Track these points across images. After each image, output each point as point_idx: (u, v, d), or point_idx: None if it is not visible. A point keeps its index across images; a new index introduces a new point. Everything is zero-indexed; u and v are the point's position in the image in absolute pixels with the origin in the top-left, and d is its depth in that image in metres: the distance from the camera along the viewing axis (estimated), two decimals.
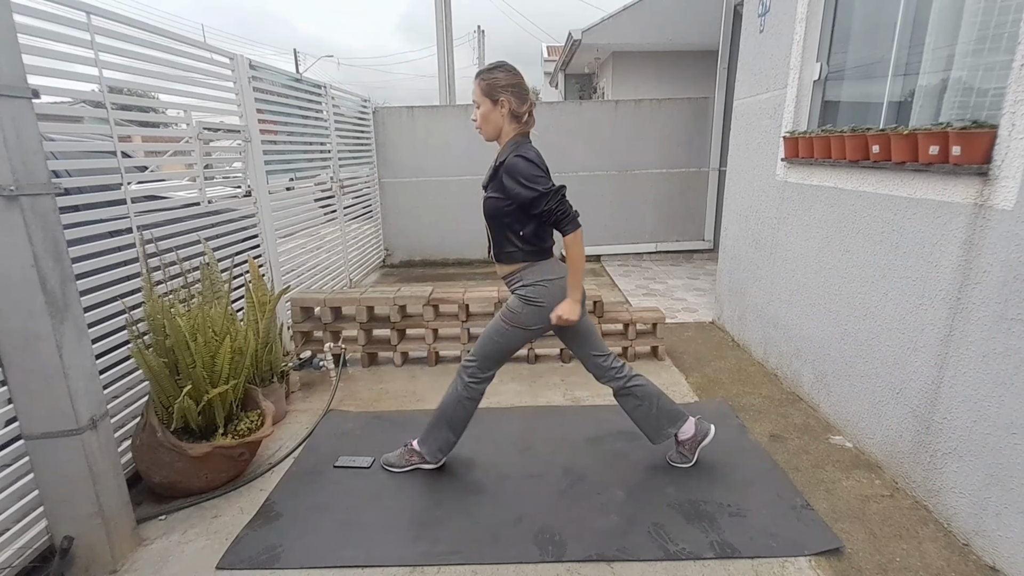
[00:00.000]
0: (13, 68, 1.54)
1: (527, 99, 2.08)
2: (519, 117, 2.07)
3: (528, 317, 2.13)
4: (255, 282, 2.92)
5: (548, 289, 2.11)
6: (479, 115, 2.09)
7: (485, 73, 2.07)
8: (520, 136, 2.10)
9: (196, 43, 2.92)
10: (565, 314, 2.08)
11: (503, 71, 2.06)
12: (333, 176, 5.03)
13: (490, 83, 2.04)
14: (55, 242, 1.67)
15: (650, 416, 2.31)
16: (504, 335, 2.19)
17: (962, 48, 2.13)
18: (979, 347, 1.87)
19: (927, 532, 2.00)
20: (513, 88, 2.04)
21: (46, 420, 1.72)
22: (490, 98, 2.05)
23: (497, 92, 2.03)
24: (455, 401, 2.27)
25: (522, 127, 2.10)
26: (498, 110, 2.05)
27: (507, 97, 2.03)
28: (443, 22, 9.49)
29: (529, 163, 1.99)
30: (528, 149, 2.04)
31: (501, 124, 2.07)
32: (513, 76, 2.06)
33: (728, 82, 6.01)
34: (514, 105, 2.04)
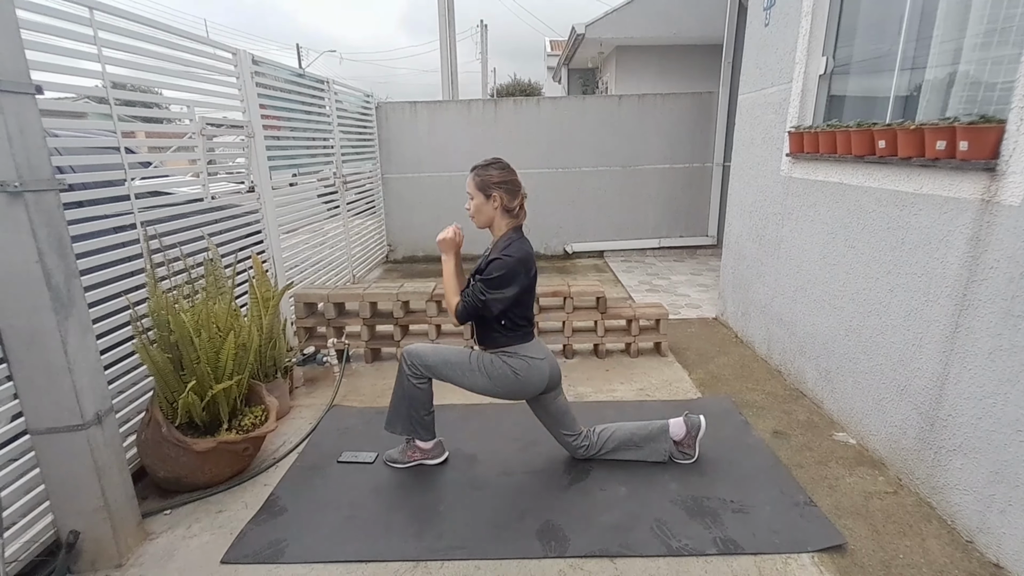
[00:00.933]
0: (16, 64, 1.54)
1: (518, 194, 2.16)
2: (511, 211, 2.15)
3: (501, 379, 2.19)
4: (259, 278, 2.93)
5: (529, 366, 2.18)
6: (472, 206, 2.17)
7: (480, 169, 2.15)
8: (513, 231, 2.16)
9: (199, 38, 2.91)
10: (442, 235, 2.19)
11: (496, 168, 2.14)
12: (336, 172, 5.03)
13: (484, 179, 2.13)
14: (59, 238, 1.68)
15: (640, 450, 2.40)
16: (465, 374, 2.21)
17: (970, 41, 2.11)
18: (985, 344, 1.86)
19: (931, 529, 1.99)
20: (505, 185, 2.13)
21: (51, 415, 1.73)
22: (483, 193, 2.13)
23: (490, 188, 2.12)
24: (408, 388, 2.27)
25: (514, 220, 2.17)
26: (490, 204, 2.13)
27: (499, 193, 2.11)
28: (446, 16, 9.45)
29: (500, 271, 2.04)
30: (514, 248, 2.09)
31: (493, 216, 2.15)
32: (505, 173, 2.15)
33: (732, 77, 5.97)
34: (506, 200, 2.12)
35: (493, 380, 2.19)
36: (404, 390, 2.28)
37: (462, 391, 2.28)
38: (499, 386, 2.20)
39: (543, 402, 2.31)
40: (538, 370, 2.19)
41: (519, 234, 2.18)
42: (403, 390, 2.29)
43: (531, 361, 2.18)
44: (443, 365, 2.23)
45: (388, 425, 2.37)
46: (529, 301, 2.22)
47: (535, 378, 2.19)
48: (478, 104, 6.55)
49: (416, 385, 2.25)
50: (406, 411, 2.31)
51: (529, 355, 2.18)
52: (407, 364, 2.25)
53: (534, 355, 2.19)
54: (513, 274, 2.07)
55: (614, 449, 2.39)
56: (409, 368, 2.25)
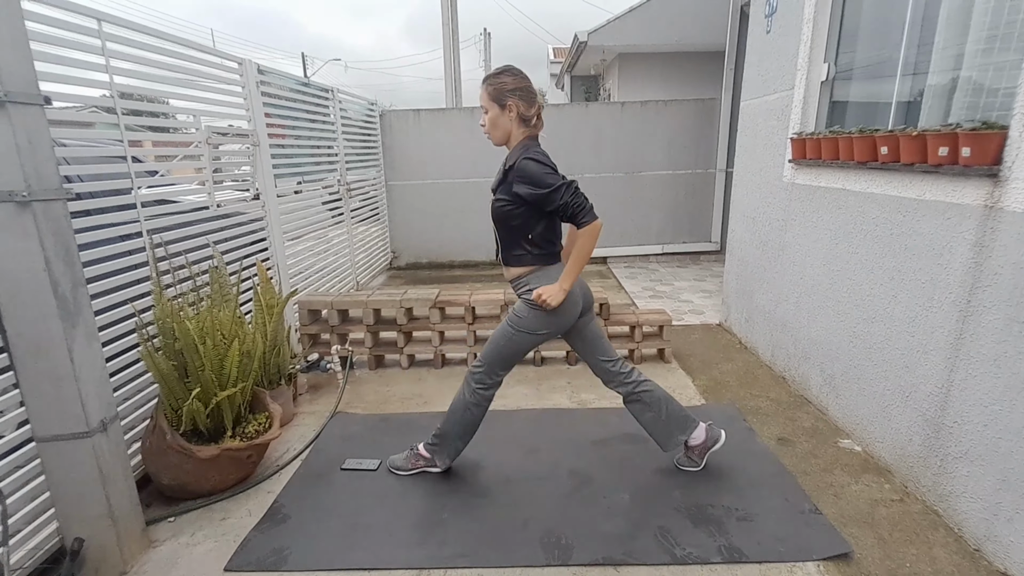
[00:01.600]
0: (26, 75, 1.57)
1: (535, 102, 2.07)
2: (527, 120, 2.06)
3: (534, 322, 2.13)
4: (263, 285, 2.94)
5: None
6: (487, 120, 2.08)
7: (492, 78, 2.07)
8: (528, 139, 2.09)
9: (205, 48, 2.94)
10: (546, 296, 2.03)
11: (510, 75, 2.06)
12: (340, 179, 5.06)
13: (497, 88, 2.04)
14: (66, 246, 1.69)
15: (659, 422, 2.30)
16: (511, 340, 2.18)
17: (972, 47, 2.11)
18: (990, 350, 1.85)
19: (937, 537, 1.98)
20: (520, 92, 2.04)
21: (57, 423, 1.74)
22: (498, 103, 2.04)
23: (504, 96, 2.03)
24: (463, 408, 2.27)
25: (531, 130, 2.09)
26: (506, 114, 2.04)
27: (515, 101, 2.03)
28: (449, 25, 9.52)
29: (538, 164, 1.98)
30: (536, 151, 2.04)
31: (510, 128, 2.07)
32: (520, 80, 2.05)
33: (735, 83, 5.99)
34: (522, 108, 2.03)
35: (534, 329, 2.12)
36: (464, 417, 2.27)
37: None
38: (543, 328, 2.13)
39: (578, 328, 2.23)
40: (570, 294, 2.08)
41: (535, 142, 2.09)
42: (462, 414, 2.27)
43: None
44: (494, 349, 2.20)
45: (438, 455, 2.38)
46: (555, 221, 2.10)
47: (569, 304, 2.10)
48: (481, 111, 6.58)
49: (483, 395, 2.24)
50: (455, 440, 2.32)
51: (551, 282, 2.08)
52: (473, 379, 2.24)
53: (554, 280, 2.08)
54: (546, 162, 1.98)
55: (644, 400, 2.27)
56: (476, 380, 2.23)
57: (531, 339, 2.18)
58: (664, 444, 2.33)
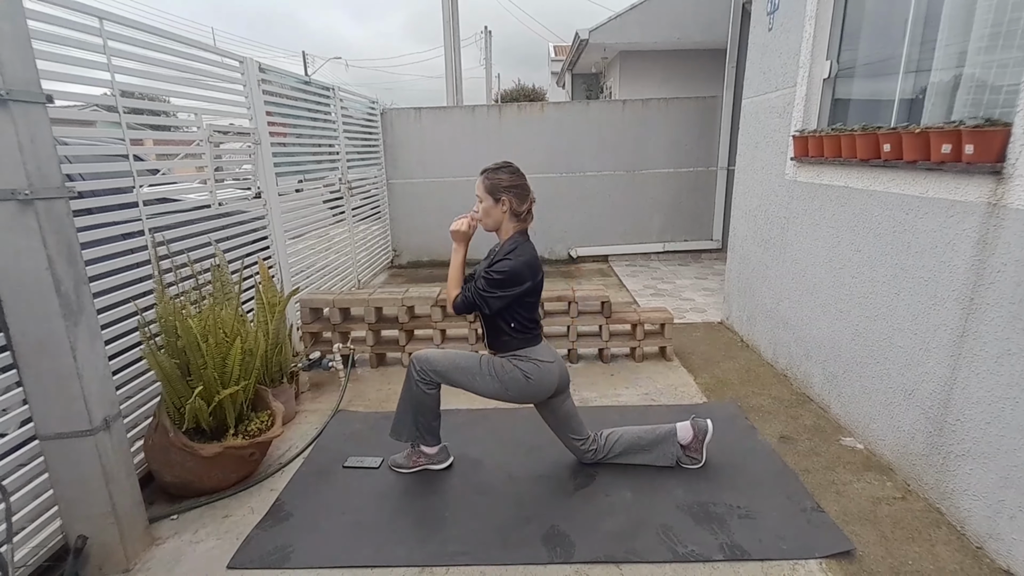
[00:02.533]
0: (28, 73, 1.57)
1: (527, 199, 2.18)
2: (519, 215, 2.17)
3: (512, 383, 2.18)
4: (265, 283, 2.94)
5: (540, 370, 2.18)
6: (481, 209, 2.18)
7: (490, 172, 2.17)
8: (519, 235, 2.18)
9: (207, 47, 2.94)
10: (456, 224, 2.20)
11: (506, 172, 2.16)
12: (341, 177, 5.06)
13: (494, 183, 2.14)
14: (69, 245, 1.69)
15: (647, 454, 2.39)
16: (473, 376, 2.20)
17: (975, 44, 2.10)
18: (993, 348, 1.84)
19: (940, 535, 1.97)
20: (515, 189, 2.14)
21: (60, 421, 1.75)
22: (492, 196, 2.14)
23: (499, 192, 2.13)
24: (416, 394, 2.26)
25: (521, 224, 2.19)
26: (499, 207, 2.15)
27: (508, 197, 2.13)
28: (450, 23, 9.51)
29: (504, 273, 2.07)
30: (522, 251, 2.12)
31: (501, 220, 2.17)
32: (515, 178, 2.16)
33: (736, 81, 5.98)
34: (514, 205, 2.14)
35: (504, 384, 2.18)
36: (412, 396, 2.28)
37: (467, 396, 2.28)
38: (510, 390, 2.20)
39: (551, 406, 2.30)
40: (548, 373, 2.19)
41: (525, 237, 2.20)
42: (411, 396, 2.28)
43: (541, 364, 2.18)
44: (453, 370, 2.22)
45: (393, 433, 2.37)
46: (535, 304, 2.22)
47: (545, 381, 2.19)
48: (482, 110, 6.58)
49: (425, 391, 2.25)
50: (412, 418, 2.31)
51: (539, 358, 2.19)
52: (416, 370, 2.24)
53: (544, 358, 2.20)
54: (517, 276, 2.08)
55: (621, 453, 2.38)
56: (419, 374, 2.24)
57: (492, 389, 2.21)
58: (665, 461, 2.38)
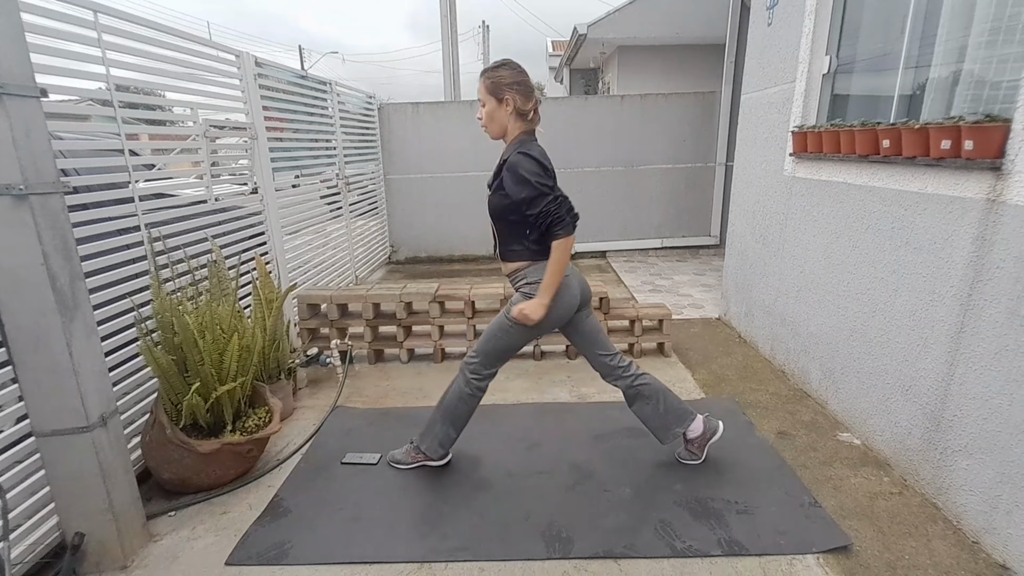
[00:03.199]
0: (22, 67, 1.55)
1: (532, 96, 2.05)
2: (524, 115, 2.05)
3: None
4: (262, 279, 2.93)
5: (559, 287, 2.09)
6: (484, 113, 2.08)
7: (489, 71, 2.06)
8: (525, 134, 2.08)
9: (202, 41, 2.92)
10: (527, 311, 2.03)
11: (507, 68, 2.05)
12: (339, 173, 5.04)
13: (495, 81, 2.03)
14: (64, 240, 1.68)
15: (657, 415, 2.30)
16: (507, 332, 2.18)
17: (975, 40, 2.09)
18: (991, 344, 1.85)
19: (936, 530, 1.98)
20: (518, 86, 2.03)
21: (56, 417, 1.74)
22: (495, 96, 2.03)
23: (502, 90, 2.02)
24: (457, 398, 2.27)
25: (527, 124, 2.08)
26: (503, 108, 2.03)
27: (512, 95, 2.02)
28: (447, 17, 9.46)
29: (531, 160, 1.96)
30: (533, 147, 2.02)
31: (506, 122, 2.06)
32: (518, 73, 2.04)
33: (735, 76, 5.96)
34: (519, 103, 2.02)
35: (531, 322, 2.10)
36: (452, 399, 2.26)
37: None
38: (541, 324, 2.11)
39: (575, 322, 2.23)
40: (567, 288, 2.09)
41: (532, 136, 2.08)
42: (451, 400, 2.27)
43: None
44: (488, 340, 2.20)
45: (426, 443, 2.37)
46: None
47: (567, 298, 2.10)
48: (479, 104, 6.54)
49: (478, 385, 2.23)
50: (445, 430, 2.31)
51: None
52: (468, 369, 2.23)
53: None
54: (543, 164, 1.96)
55: (642, 393, 2.27)
56: (471, 371, 2.22)
57: (527, 332, 2.17)
58: (662, 437, 2.33)
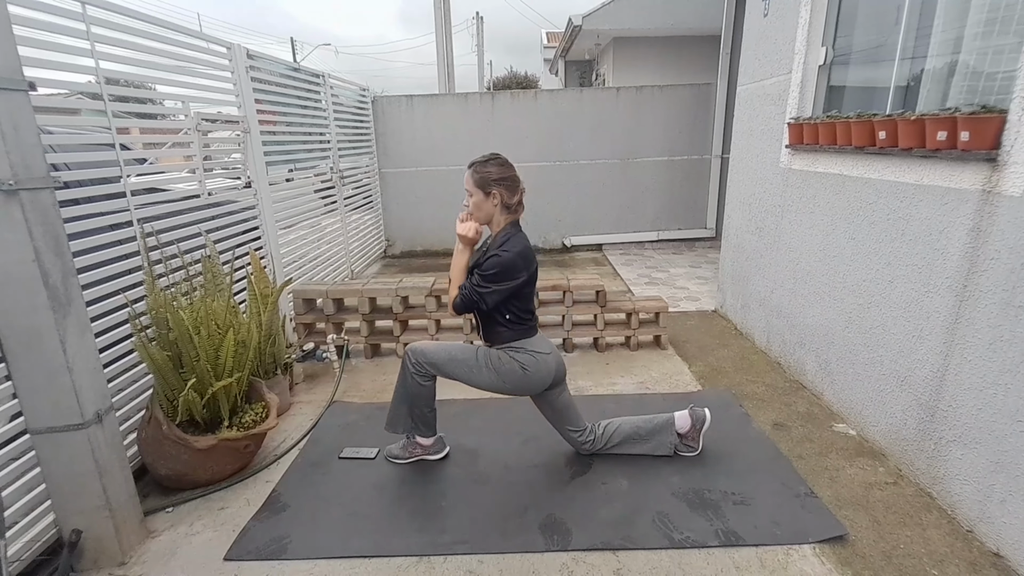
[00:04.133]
0: (9, 60, 1.52)
1: (517, 190, 2.15)
2: (509, 207, 2.15)
3: (509, 375, 2.17)
4: (257, 274, 2.91)
5: (537, 361, 2.16)
6: (472, 204, 2.16)
7: (479, 166, 2.13)
8: (511, 226, 2.16)
9: (193, 33, 2.88)
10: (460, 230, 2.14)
11: (495, 165, 2.13)
12: (333, 166, 5.00)
13: (483, 176, 2.11)
14: (56, 236, 1.66)
15: (647, 443, 2.39)
16: (470, 368, 2.20)
17: (970, 31, 2.09)
18: (986, 335, 1.86)
19: (931, 519, 2.00)
20: (505, 181, 2.11)
21: (51, 415, 1.72)
22: (482, 190, 2.11)
23: (489, 185, 2.10)
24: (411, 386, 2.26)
25: (512, 215, 2.17)
26: (490, 201, 2.12)
27: (499, 190, 2.10)
28: (441, 8, 9.38)
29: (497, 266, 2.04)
30: (516, 243, 2.09)
31: (492, 213, 2.14)
32: (505, 170, 2.13)
33: (731, 68, 5.95)
34: (505, 197, 2.12)
35: (501, 376, 2.17)
36: (407, 388, 2.27)
37: (463, 386, 2.27)
38: (507, 382, 2.19)
39: (548, 398, 2.30)
40: (545, 364, 2.18)
41: (517, 228, 2.17)
42: (405, 388, 2.28)
43: (538, 356, 2.17)
44: (449, 362, 2.21)
45: (389, 426, 2.37)
46: (530, 295, 2.21)
47: (542, 373, 2.18)
48: (475, 97, 6.52)
49: (420, 383, 2.24)
50: (407, 409, 2.31)
51: (536, 350, 2.18)
52: (412, 362, 2.23)
53: (540, 350, 2.19)
54: (511, 269, 2.06)
55: (619, 443, 2.39)
56: (414, 366, 2.23)
57: (489, 381, 2.21)
58: (664, 452, 2.39)
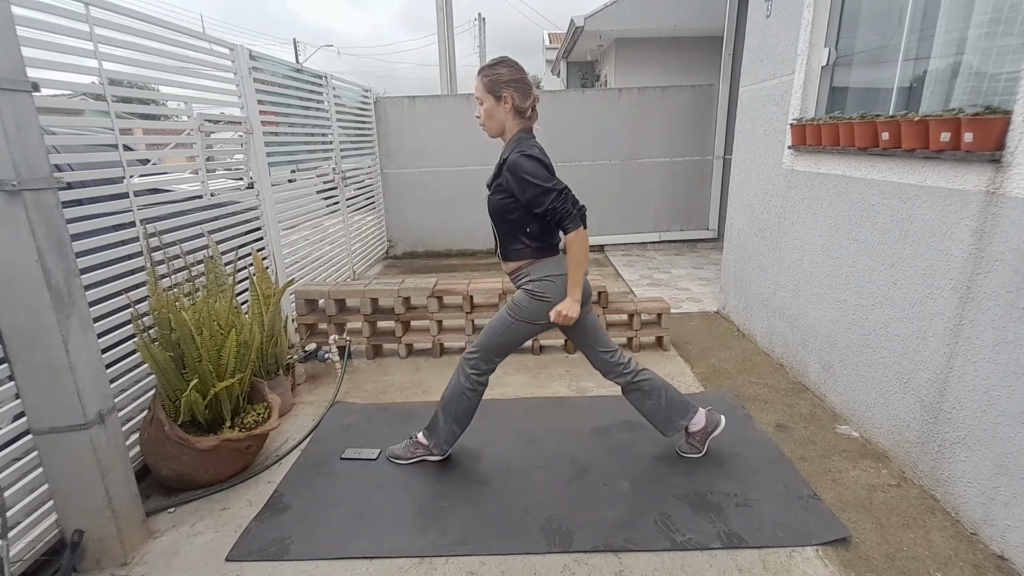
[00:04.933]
0: (12, 61, 1.53)
1: (530, 94, 2.04)
2: (523, 112, 2.04)
3: (534, 312, 2.12)
4: (259, 275, 2.91)
5: (555, 284, 2.10)
6: (482, 112, 2.06)
7: (487, 69, 2.04)
8: (523, 132, 2.07)
9: (196, 34, 2.89)
10: (565, 311, 2.05)
11: (505, 66, 2.03)
12: (335, 167, 5.01)
13: (493, 79, 2.01)
14: (59, 237, 1.67)
15: (659, 409, 2.31)
16: (509, 329, 2.18)
17: (974, 31, 2.09)
18: (990, 336, 1.85)
19: (935, 521, 1.99)
20: (516, 83, 2.01)
21: (54, 415, 1.73)
22: (493, 94, 2.02)
23: (500, 88, 2.00)
24: (458, 393, 2.27)
25: (526, 122, 2.07)
26: (501, 106, 2.02)
27: (510, 92, 2.00)
28: (443, 10, 9.39)
29: (533, 161, 1.96)
30: (532, 146, 2.01)
31: (504, 120, 2.04)
32: (516, 71, 2.03)
33: (733, 69, 5.94)
34: (517, 100, 2.01)
35: (533, 319, 2.12)
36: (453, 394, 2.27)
37: None
38: (542, 319, 2.12)
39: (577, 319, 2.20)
40: (565, 283, 2.07)
41: (530, 134, 2.07)
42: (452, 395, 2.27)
43: (557, 278, 2.08)
44: (491, 337, 2.19)
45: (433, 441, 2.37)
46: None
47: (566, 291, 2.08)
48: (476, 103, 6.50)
49: (477, 383, 2.24)
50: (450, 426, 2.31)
51: (554, 272, 2.09)
52: (468, 364, 2.23)
53: (558, 271, 2.09)
54: (542, 158, 1.96)
55: (642, 388, 2.28)
56: (471, 367, 2.22)
57: (529, 329, 2.18)
58: (664, 430, 2.34)
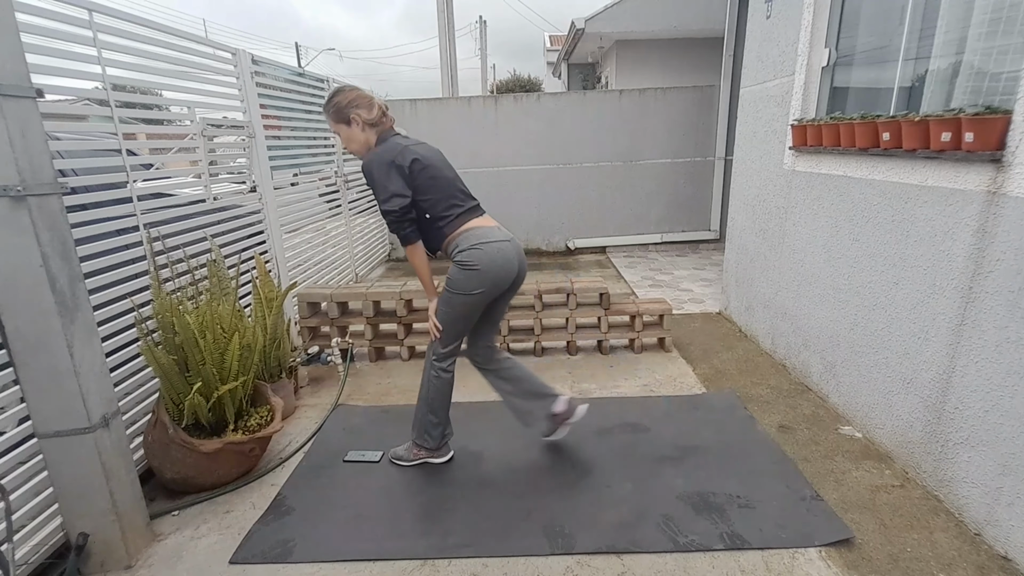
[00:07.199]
0: (17, 67, 1.54)
1: (373, 104, 2.15)
2: (375, 123, 2.15)
3: (467, 283, 2.13)
4: (262, 278, 2.93)
5: (483, 252, 2.11)
6: (343, 140, 2.18)
7: (327, 105, 2.16)
8: (383, 134, 2.17)
9: (198, 39, 2.90)
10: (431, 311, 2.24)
11: (340, 94, 2.15)
12: (337, 170, 5.02)
13: (336, 109, 2.14)
14: (63, 241, 1.68)
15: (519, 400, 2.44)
16: (449, 303, 2.21)
17: (974, 31, 2.08)
18: (992, 336, 1.85)
19: (938, 522, 1.99)
20: (356, 102, 2.13)
21: (58, 419, 1.74)
22: (343, 122, 2.14)
23: (345, 112, 2.13)
24: (425, 380, 2.32)
25: (384, 128, 2.18)
26: (355, 128, 2.14)
27: (355, 113, 2.12)
28: (444, 13, 9.42)
29: (372, 164, 2.08)
30: (381, 151, 2.11)
31: (364, 137, 2.17)
32: (349, 92, 2.15)
33: (734, 70, 5.94)
34: (365, 116, 2.13)
35: (467, 289, 2.13)
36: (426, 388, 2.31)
37: (466, 389, 2.28)
38: (477, 288, 2.12)
39: (502, 300, 2.29)
40: (497, 251, 2.11)
41: (387, 135, 2.17)
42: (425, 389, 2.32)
43: (483, 246, 2.10)
44: (439, 316, 2.24)
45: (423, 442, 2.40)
46: (443, 184, 2.16)
47: (498, 259, 2.11)
48: (478, 100, 6.53)
49: (441, 370, 2.27)
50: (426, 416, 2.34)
51: (483, 240, 2.11)
52: (429, 351, 2.29)
53: (486, 239, 2.12)
54: (377, 170, 2.07)
55: (504, 375, 2.41)
56: (432, 352, 2.28)
57: (468, 300, 2.17)
58: (524, 422, 2.46)
